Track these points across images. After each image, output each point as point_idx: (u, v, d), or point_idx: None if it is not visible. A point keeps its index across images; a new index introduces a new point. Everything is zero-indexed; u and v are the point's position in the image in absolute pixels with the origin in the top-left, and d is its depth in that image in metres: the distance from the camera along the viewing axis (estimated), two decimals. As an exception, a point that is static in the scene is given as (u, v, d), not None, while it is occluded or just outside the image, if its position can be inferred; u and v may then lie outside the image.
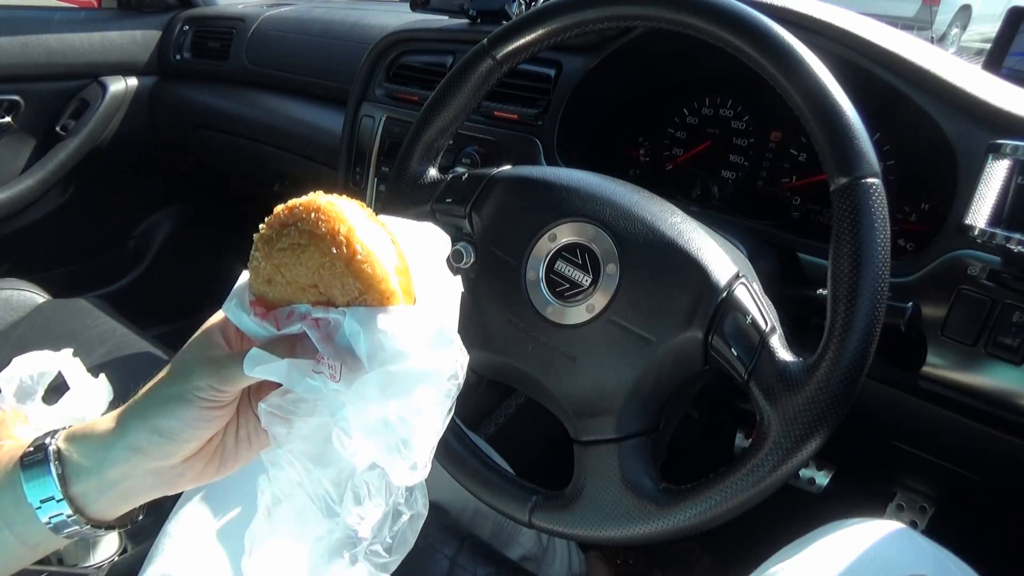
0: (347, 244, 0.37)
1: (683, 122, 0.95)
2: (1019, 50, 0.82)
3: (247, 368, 0.38)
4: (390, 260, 0.38)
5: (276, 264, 0.38)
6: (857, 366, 0.48)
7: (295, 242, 0.37)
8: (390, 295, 0.38)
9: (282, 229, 0.38)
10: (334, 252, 0.37)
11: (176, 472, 0.42)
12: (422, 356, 0.38)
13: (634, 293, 0.56)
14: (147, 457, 0.40)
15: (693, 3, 0.56)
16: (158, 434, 0.40)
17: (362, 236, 0.37)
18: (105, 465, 0.40)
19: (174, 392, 0.40)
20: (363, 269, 0.37)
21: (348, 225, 0.37)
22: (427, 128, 0.70)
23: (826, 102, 0.50)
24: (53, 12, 1.60)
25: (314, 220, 0.37)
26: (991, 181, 0.60)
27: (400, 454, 0.39)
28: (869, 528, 0.57)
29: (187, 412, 0.39)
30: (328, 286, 0.38)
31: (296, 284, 0.39)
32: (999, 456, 0.69)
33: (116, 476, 0.40)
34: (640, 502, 0.54)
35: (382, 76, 1.14)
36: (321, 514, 0.40)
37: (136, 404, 0.41)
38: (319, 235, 0.37)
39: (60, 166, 1.60)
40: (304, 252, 0.37)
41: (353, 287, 0.38)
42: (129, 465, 0.40)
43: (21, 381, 0.96)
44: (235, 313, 0.41)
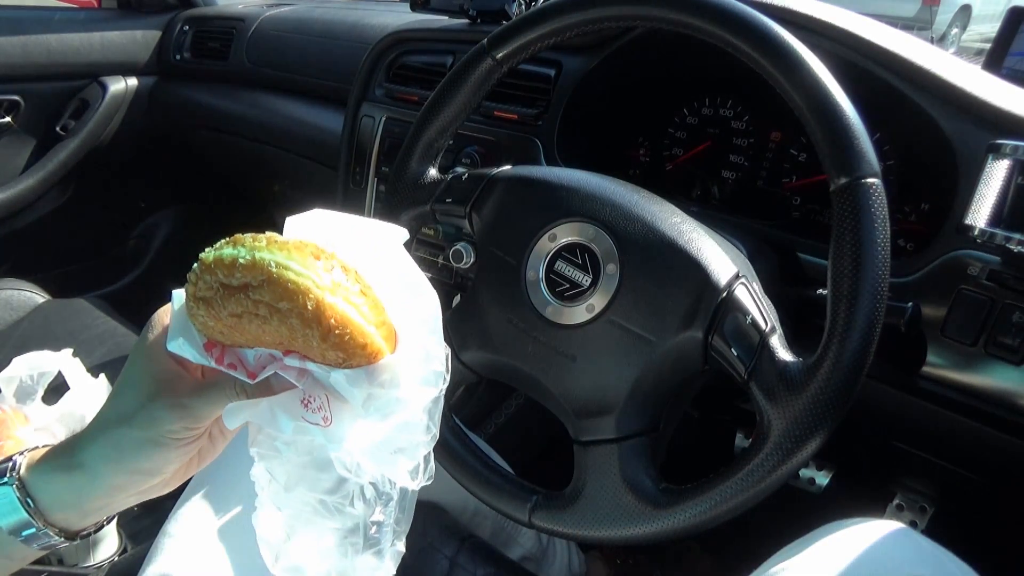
0: (317, 320, 0.33)
1: (683, 122, 0.95)
2: (1019, 50, 0.82)
3: (229, 422, 0.38)
4: (367, 318, 0.35)
5: (229, 325, 0.35)
6: (857, 366, 0.48)
7: (250, 312, 0.33)
8: (375, 353, 0.35)
9: (228, 294, 0.33)
10: (307, 331, 0.33)
11: (158, 487, 0.42)
12: (415, 392, 0.37)
13: (634, 293, 0.56)
14: (128, 491, 0.40)
15: (693, 3, 0.56)
16: (139, 474, 0.40)
17: (332, 303, 0.33)
18: (83, 501, 0.40)
19: (145, 437, 0.38)
20: (343, 341, 0.34)
21: (314, 298, 0.33)
22: (427, 128, 0.70)
23: (826, 102, 0.50)
24: (53, 12, 1.60)
25: (271, 293, 0.33)
26: (991, 181, 0.60)
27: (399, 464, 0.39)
28: (869, 528, 0.57)
29: (167, 454, 0.39)
30: (304, 350, 0.35)
31: (260, 340, 0.36)
32: (999, 456, 0.69)
33: (98, 505, 0.40)
34: (640, 502, 0.54)
35: (382, 76, 1.14)
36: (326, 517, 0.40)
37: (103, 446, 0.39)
38: (283, 312, 0.33)
39: (60, 166, 1.60)
40: (267, 323, 0.34)
41: (335, 356, 0.35)
42: (109, 498, 0.40)
43: (21, 381, 0.96)
44: (186, 351, 0.37)
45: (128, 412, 0.39)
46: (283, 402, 0.37)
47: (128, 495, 0.41)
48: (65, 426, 0.94)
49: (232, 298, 0.33)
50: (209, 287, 0.34)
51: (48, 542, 0.40)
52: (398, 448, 0.39)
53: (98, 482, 0.39)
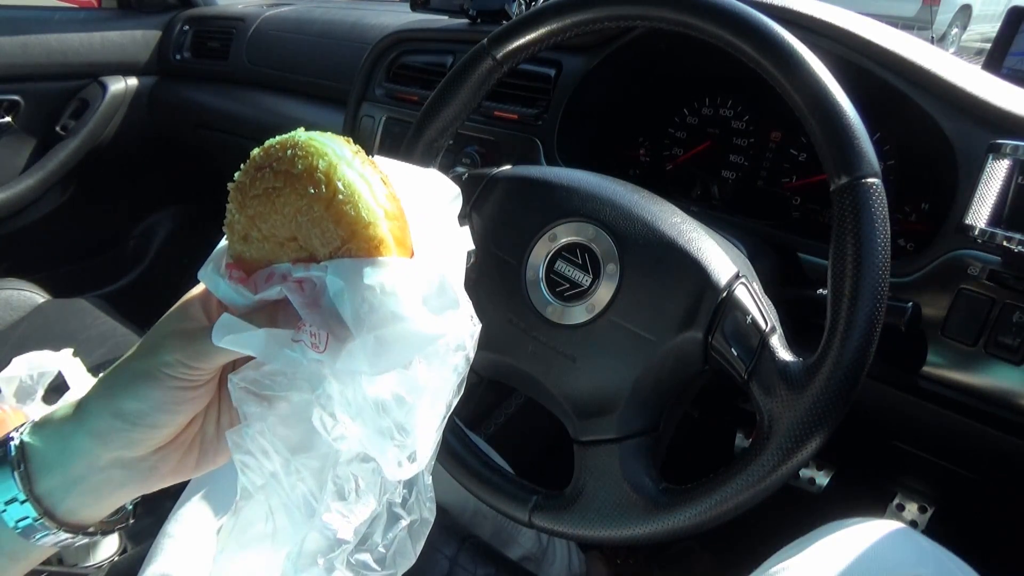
0: (326, 182, 0.31)
1: (683, 122, 0.95)
2: (1019, 50, 0.82)
3: (216, 337, 0.32)
4: (379, 202, 0.32)
5: (251, 215, 0.33)
6: (857, 366, 0.48)
7: (269, 186, 0.31)
8: (378, 243, 0.32)
9: (256, 173, 0.32)
10: (311, 192, 0.31)
11: (148, 465, 0.37)
12: (420, 318, 0.32)
13: (634, 293, 0.56)
14: (110, 445, 0.35)
15: (693, 3, 0.56)
16: (121, 419, 0.34)
17: (345, 173, 0.31)
18: (67, 457, 0.35)
19: (140, 368, 0.34)
20: (345, 211, 0.31)
21: (328, 161, 0.31)
22: (427, 128, 0.70)
23: (826, 102, 0.50)
24: (53, 12, 1.60)
25: (290, 158, 0.31)
26: (991, 181, 0.61)
27: (393, 441, 0.33)
28: (870, 528, 0.57)
29: (154, 392, 0.34)
30: (307, 236, 0.32)
31: (274, 238, 0.33)
32: (999, 456, 0.69)
33: (80, 470, 0.35)
34: (640, 502, 0.54)
35: (382, 76, 1.14)
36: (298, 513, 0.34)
37: (99, 385, 0.36)
38: (295, 175, 0.31)
39: (60, 166, 1.60)
40: (279, 197, 0.31)
41: (335, 235, 0.32)
42: (92, 456, 0.35)
43: (21, 381, 0.96)
44: (211, 279, 0.35)
45: (135, 354, 0.35)
46: (279, 333, 0.33)
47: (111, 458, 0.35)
48: (65, 426, 0.94)
49: (258, 174, 0.32)
50: (244, 172, 0.33)
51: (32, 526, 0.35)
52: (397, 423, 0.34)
53: (81, 429, 0.35)
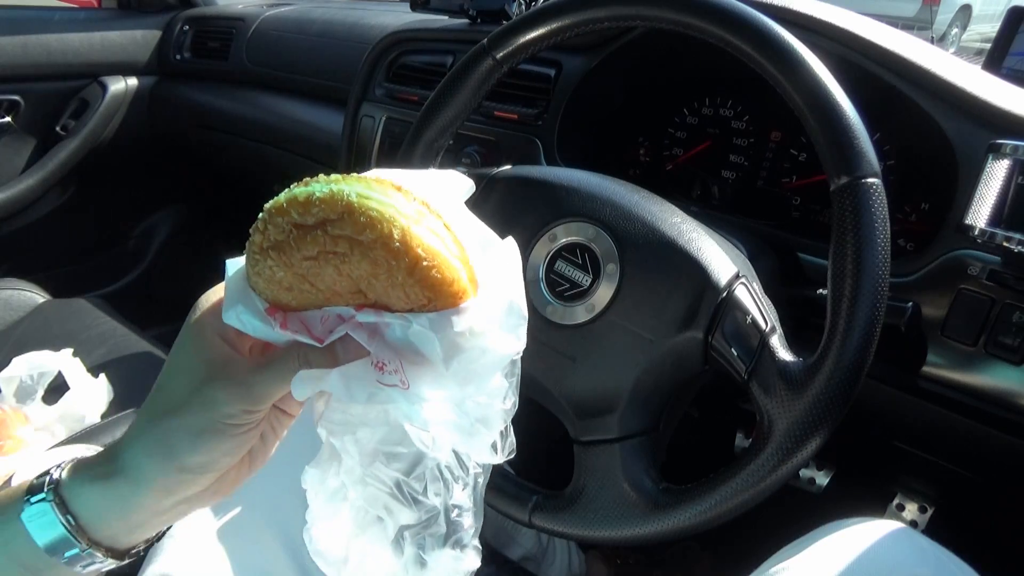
0: (406, 251, 0.30)
1: (683, 122, 0.95)
2: (1019, 50, 0.82)
3: (298, 393, 0.33)
4: (454, 254, 0.32)
5: (301, 274, 0.32)
6: (857, 366, 0.48)
7: (329, 251, 0.30)
8: (462, 294, 0.32)
9: (302, 234, 0.31)
10: (392, 264, 0.30)
11: (210, 493, 0.38)
12: (502, 344, 0.34)
13: (634, 293, 0.56)
14: (176, 495, 0.36)
15: (693, 3, 0.56)
16: (188, 472, 0.36)
17: (421, 236, 0.30)
18: (127, 511, 0.36)
19: (200, 425, 0.35)
20: (431, 276, 0.31)
21: (400, 227, 0.30)
22: (427, 128, 0.70)
23: (826, 102, 0.50)
24: (53, 12, 1.60)
25: (353, 224, 0.30)
26: (991, 181, 0.61)
27: (479, 436, 0.36)
28: (870, 528, 0.57)
29: (221, 444, 0.35)
30: (383, 295, 0.32)
31: (332, 291, 0.33)
32: (999, 456, 0.69)
33: (143, 517, 0.37)
34: (640, 502, 0.54)
35: (382, 76, 1.14)
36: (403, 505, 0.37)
37: (148, 443, 0.36)
38: (365, 244, 0.30)
39: (60, 166, 1.60)
40: (344, 263, 0.31)
41: (419, 295, 0.32)
42: (156, 507, 0.37)
43: (21, 381, 0.96)
44: (245, 322, 0.34)
45: (178, 401, 0.35)
46: (354, 370, 0.34)
47: (176, 501, 0.37)
48: (65, 426, 0.94)
49: (307, 237, 0.30)
50: (281, 230, 0.31)
51: (93, 564, 0.37)
52: (478, 418, 0.35)
53: (143, 486, 0.36)
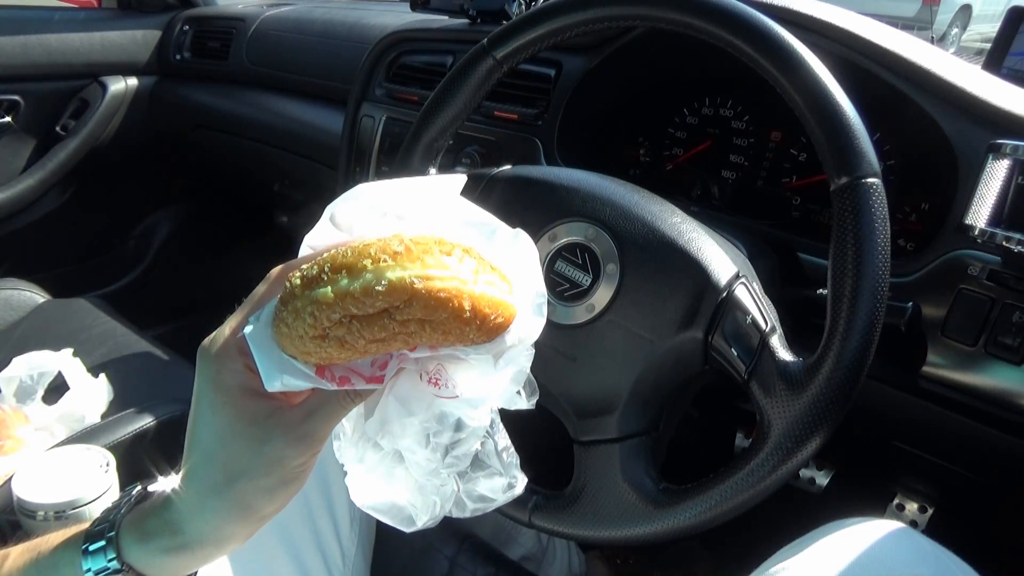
0: (476, 315, 0.32)
1: (683, 122, 0.95)
2: (1019, 50, 0.82)
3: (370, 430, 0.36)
4: (506, 291, 0.34)
5: (364, 350, 0.32)
6: (857, 366, 0.48)
7: (397, 332, 0.31)
8: (512, 318, 0.34)
9: (365, 323, 0.31)
10: (465, 329, 0.32)
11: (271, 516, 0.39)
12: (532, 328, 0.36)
13: (634, 293, 0.56)
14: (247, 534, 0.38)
15: (693, 3, 0.56)
16: (264, 520, 0.38)
17: (483, 293, 0.32)
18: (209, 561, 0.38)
19: (275, 482, 0.36)
20: (497, 324, 0.33)
21: (467, 296, 0.31)
22: (427, 128, 0.70)
23: (826, 102, 0.50)
24: (53, 12, 1.60)
25: (423, 308, 0.31)
26: (991, 181, 0.61)
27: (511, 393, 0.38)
28: (870, 528, 0.57)
29: (294, 487, 0.37)
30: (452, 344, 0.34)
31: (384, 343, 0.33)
32: (999, 456, 0.69)
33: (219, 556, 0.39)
34: (640, 502, 0.54)
35: (382, 76, 1.14)
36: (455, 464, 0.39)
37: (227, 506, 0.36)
38: (437, 321, 0.31)
39: (60, 166, 1.60)
40: (414, 337, 0.32)
41: (483, 338, 0.34)
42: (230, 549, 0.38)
43: (21, 381, 0.96)
44: (292, 385, 0.34)
45: (242, 466, 0.35)
46: (405, 389, 0.35)
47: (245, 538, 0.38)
48: (65, 426, 0.94)
49: (374, 326, 0.31)
50: (338, 324, 0.31)
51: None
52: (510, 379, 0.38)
53: (225, 545, 0.37)
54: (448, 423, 0.37)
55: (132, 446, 0.87)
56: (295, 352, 0.33)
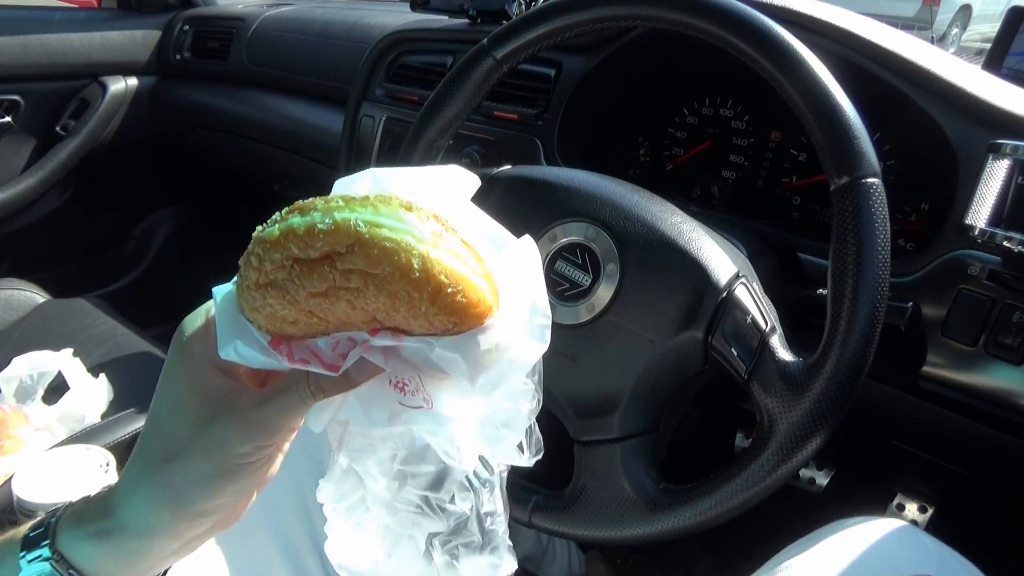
0: (427, 280, 0.28)
1: (683, 122, 0.95)
2: (1019, 50, 0.82)
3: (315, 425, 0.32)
4: (475, 271, 0.30)
5: (308, 310, 0.30)
6: (858, 366, 0.48)
7: (340, 286, 0.28)
8: (486, 312, 0.30)
9: (307, 270, 0.28)
10: (413, 295, 0.28)
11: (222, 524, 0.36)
12: (527, 351, 0.32)
13: (634, 293, 0.56)
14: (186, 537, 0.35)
15: (693, 3, 0.56)
16: (203, 516, 0.34)
17: (439, 259, 0.28)
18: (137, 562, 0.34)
19: (211, 469, 0.33)
20: (456, 302, 0.28)
21: (418, 254, 0.28)
22: (427, 128, 0.70)
23: (826, 102, 0.50)
24: (53, 12, 1.60)
25: (365, 257, 0.27)
26: (991, 181, 0.60)
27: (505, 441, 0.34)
28: (874, 526, 0.57)
29: (234, 484, 0.33)
30: (402, 323, 0.30)
31: (344, 322, 0.31)
32: (999, 456, 0.69)
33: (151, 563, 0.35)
34: (640, 502, 0.54)
35: (382, 76, 1.14)
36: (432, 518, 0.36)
37: (151, 494, 0.34)
38: (382, 277, 0.28)
39: (60, 166, 1.60)
40: (359, 296, 0.28)
41: (444, 321, 0.29)
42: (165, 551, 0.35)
43: (21, 381, 0.96)
44: (245, 356, 0.32)
45: (181, 445, 0.33)
46: (372, 393, 0.32)
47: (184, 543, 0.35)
48: (65, 426, 0.94)
49: (313, 273, 0.28)
50: (280, 267, 0.28)
51: None
52: (503, 423, 0.34)
53: (150, 538, 0.34)
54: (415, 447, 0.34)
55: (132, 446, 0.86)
56: (244, 306, 0.31)
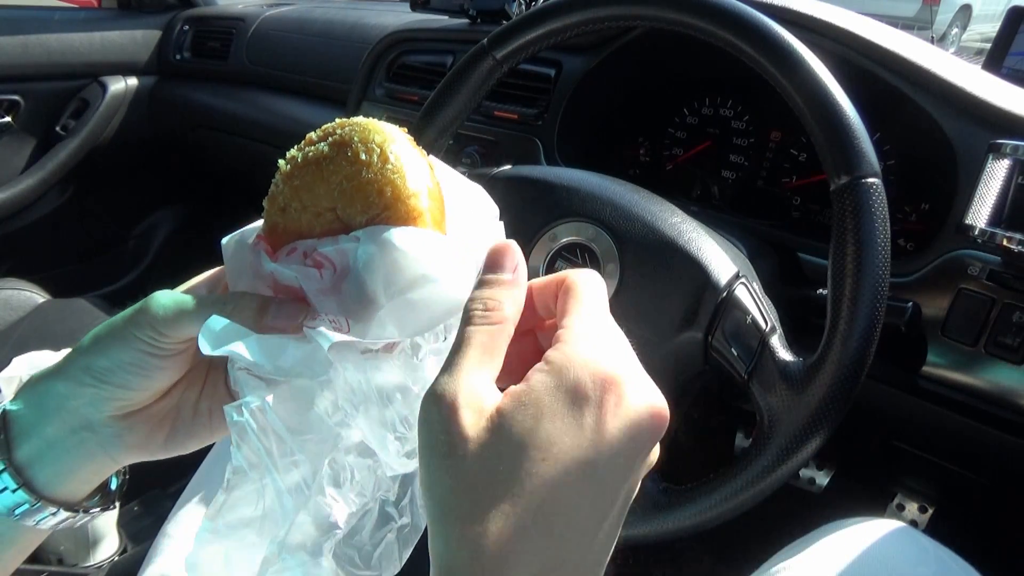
0: (379, 153, 0.32)
1: (683, 122, 0.95)
2: (1019, 50, 0.82)
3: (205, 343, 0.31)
4: (423, 181, 0.33)
5: (296, 186, 0.34)
6: (857, 366, 0.48)
7: (321, 156, 0.33)
8: (417, 215, 0.32)
9: (309, 146, 0.34)
10: (363, 159, 0.32)
11: (113, 432, 0.36)
12: (449, 281, 0.32)
13: (634, 293, 0.56)
14: (79, 402, 0.35)
15: (693, 3, 0.56)
16: (90, 374, 0.35)
17: (397, 150, 0.33)
18: (41, 416, 0.36)
19: (117, 326, 0.34)
20: (392, 179, 0.32)
21: (384, 135, 0.33)
22: (427, 128, 0.70)
23: (826, 102, 0.50)
24: (53, 12, 1.60)
25: (347, 131, 0.33)
26: (991, 181, 0.60)
27: (395, 433, 0.34)
28: (872, 527, 0.57)
29: (121, 352, 0.34)
30: (348, 203, 0.33)
31: (312, 208, 0.34)
32: (999, 456, 0.69)
33: (53, 432, 0.36)
34: (640, 502, 0.54)
35: (382, 76, 1.14)
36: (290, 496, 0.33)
37: (85, 340, 0.36)
38: (348, 144, 0.33)
39: (60, 166, 1.60)
40: (329, 164, 0.33)
41: (377, 202, 0.32)
42: (64, 414, 0.36)
43: (21, 381, 0.96)
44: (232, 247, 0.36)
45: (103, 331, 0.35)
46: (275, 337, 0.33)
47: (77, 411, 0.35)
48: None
49: (312, 148, 0.34)
50: (299, 148, 0.34)
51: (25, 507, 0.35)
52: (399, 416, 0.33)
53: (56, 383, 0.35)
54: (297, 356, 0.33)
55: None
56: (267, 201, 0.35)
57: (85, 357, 0.35)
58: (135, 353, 0.34)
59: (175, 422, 0.39)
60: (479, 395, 0.28)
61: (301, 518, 0.33)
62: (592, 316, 0.32)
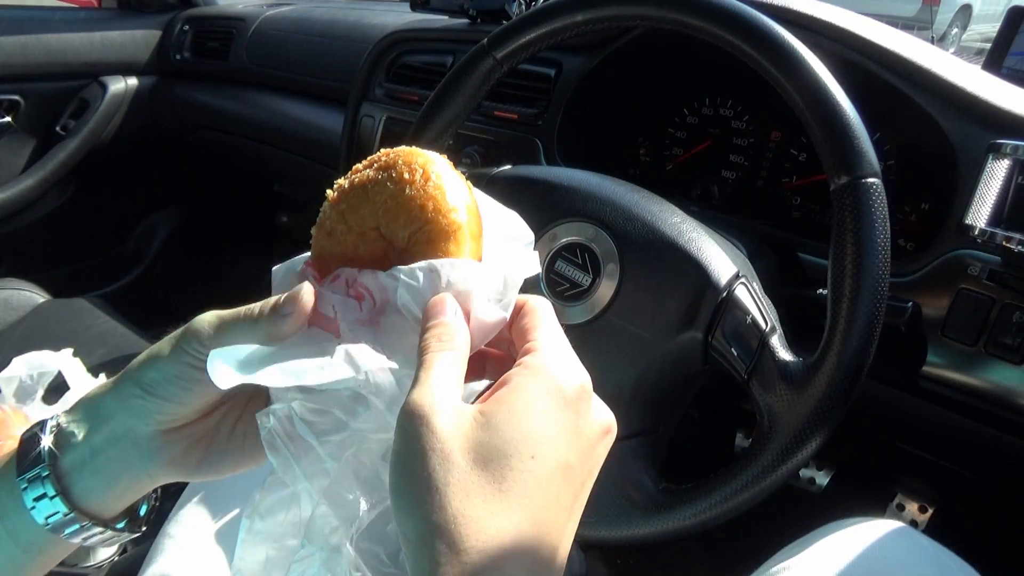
0: (422, 172, 0.35)
1: (683, 122, 0.95)
2: (1019, 50, 0.82)
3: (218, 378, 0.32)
4: (462, 196, 0.36)
5: (342, 210, 0.36)
6: (857, 366, 0.48)
7: (366, 178, 0.36)
8: (456, 229, 0.35)
9: (355, 174, 0.37)
10: (406, 178, 0.35)
11: (153, 447, 0.37)
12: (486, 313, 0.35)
13: (634, 293, 0.56)
14: (125, 414, 0.37)
15: (693, 3, 0.56)
16: (139, 386, 0.36)
17: (439, 170, 0.36)
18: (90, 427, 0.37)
19: (165, 343, 0.37)
20: (433, 195, 0.35)
21: (426, 158, 0.36)
22: (427, 128, 0.70)
23: (826, 102, 0.50)
24: (53, 12, 1.60)
25: (392, 156, 0.36)
26: (991, 181, 0.61)
27: None
28: (871, 527, 0.57)
29: (167, 366, 0.36)
30: (392, 219, 0.35)
31: (357, 230, 0.36)
32: (999, 456, 0.69)
33: (97, 441, 0.37)
34: (640, 502, 0.54)
35: (382, 76, 1.14)
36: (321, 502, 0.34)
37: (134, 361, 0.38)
38: (392, 165, 0.36)
39: (60, 166, 1.60)
40: (375, 186, 0.36)
41: (419, 216, 0.35)
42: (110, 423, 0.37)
43: (21, 381, 0.96)
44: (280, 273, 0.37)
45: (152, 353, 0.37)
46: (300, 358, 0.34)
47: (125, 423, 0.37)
48: (65, 426, 0.94)
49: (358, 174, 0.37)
50: (346, 177, 0.37)
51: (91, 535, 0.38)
52: None
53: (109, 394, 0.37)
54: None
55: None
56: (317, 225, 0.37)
57: (136, 372, 0.37)
58: (181, 367, 0.36)
59: (211, 443, 0.40)
60: (453, 401, 0.29)
61: (321, 509, 0.34)
62: (557, 332, 0.34)
